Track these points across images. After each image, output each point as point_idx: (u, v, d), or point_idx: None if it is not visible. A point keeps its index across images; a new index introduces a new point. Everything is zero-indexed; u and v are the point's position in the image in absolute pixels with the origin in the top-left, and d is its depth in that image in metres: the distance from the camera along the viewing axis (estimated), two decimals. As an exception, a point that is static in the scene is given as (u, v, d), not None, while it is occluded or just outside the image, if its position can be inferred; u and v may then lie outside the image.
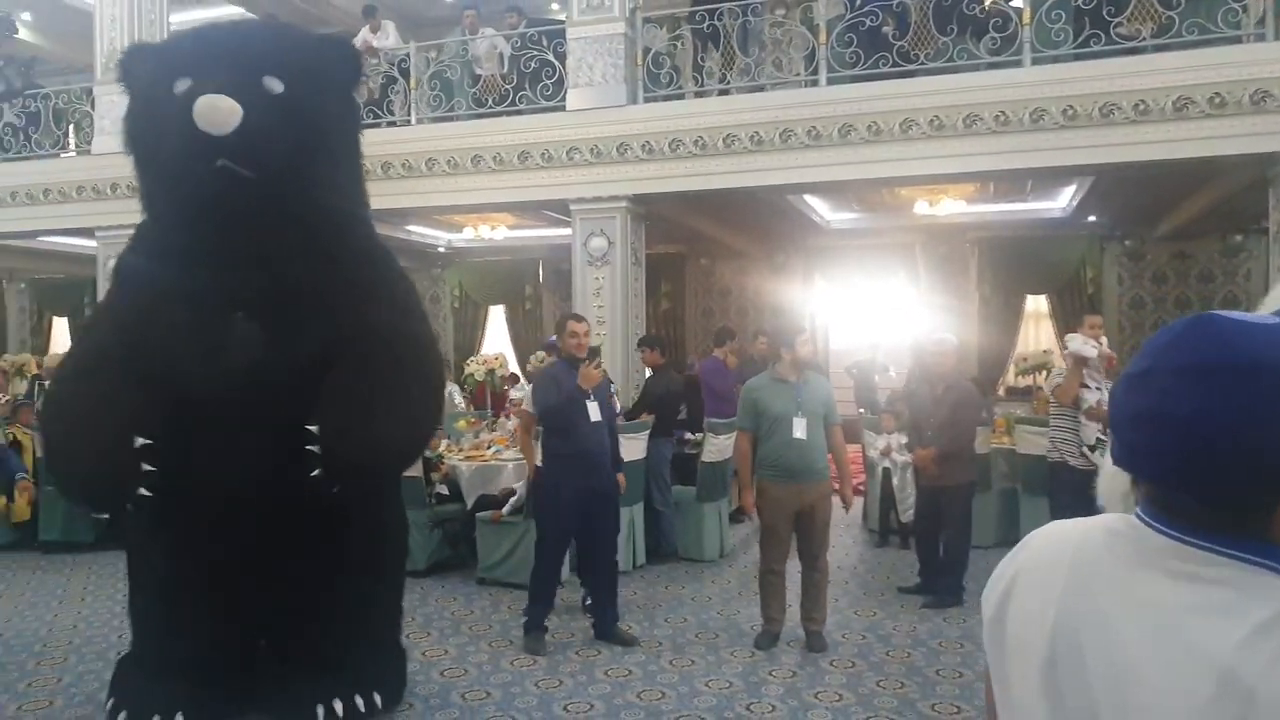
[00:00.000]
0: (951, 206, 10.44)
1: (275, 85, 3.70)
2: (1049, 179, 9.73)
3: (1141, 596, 0.91)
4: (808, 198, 10.64)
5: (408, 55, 9.55)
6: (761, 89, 8.29)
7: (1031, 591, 1.03)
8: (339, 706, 3.95)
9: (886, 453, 7.39)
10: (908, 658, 5.02)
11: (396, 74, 9.57)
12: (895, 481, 7.33)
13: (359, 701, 4.03)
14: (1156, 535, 0.92)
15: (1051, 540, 1.06)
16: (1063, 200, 11.24)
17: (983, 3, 7.59)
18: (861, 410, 9.91)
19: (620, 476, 5.46)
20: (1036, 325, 13.19)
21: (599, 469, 5.16)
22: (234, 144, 3.52)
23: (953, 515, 5.89)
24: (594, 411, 5.12)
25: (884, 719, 4.25)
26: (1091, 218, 11.94)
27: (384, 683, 4.24)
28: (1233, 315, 0.90)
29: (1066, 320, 11.59)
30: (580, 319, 5.43)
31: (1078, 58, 7.25)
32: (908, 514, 7.08)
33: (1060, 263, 12.58)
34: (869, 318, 13.52)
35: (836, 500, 5.19)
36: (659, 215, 9.29)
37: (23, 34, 12.80)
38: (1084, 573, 0.98)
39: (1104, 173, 8.16)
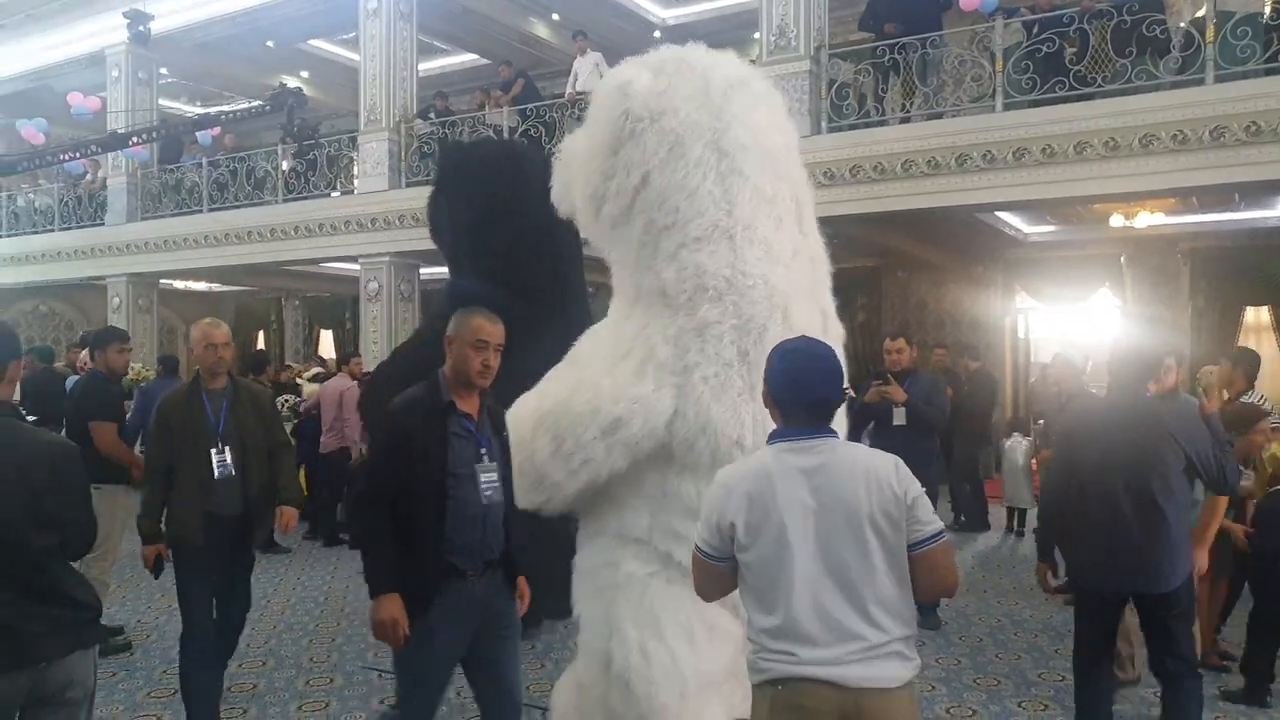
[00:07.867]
0: (1149, 220, 10.32)
1: None
2: (1259, 191, 9.47)
3: (784, 466, 2.15)
4: (1000, 212, 10.82)
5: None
6: (940, 116, 8.69)
7: (736, 487, 2.14)
8: None
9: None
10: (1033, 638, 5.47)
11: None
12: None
13: None
14: (790, 440, 2.20)
15: (740, 464, 2.26)
16: (1280, 209, 10.79)
17: (1164, 23, 7.66)
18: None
19: None
20: (1257, 337, 12.57)
21: None
22: None
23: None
24: None
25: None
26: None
27: None
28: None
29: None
30: (894, 337, 6.27)
31: (1268, 74, 7.23)
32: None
33: (1280, 272, 11.98)
34: (1073, 329, 13.35)
35: None
36: (845, 234, 9.83)
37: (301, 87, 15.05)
38: (760, 469, 2.12)
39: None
